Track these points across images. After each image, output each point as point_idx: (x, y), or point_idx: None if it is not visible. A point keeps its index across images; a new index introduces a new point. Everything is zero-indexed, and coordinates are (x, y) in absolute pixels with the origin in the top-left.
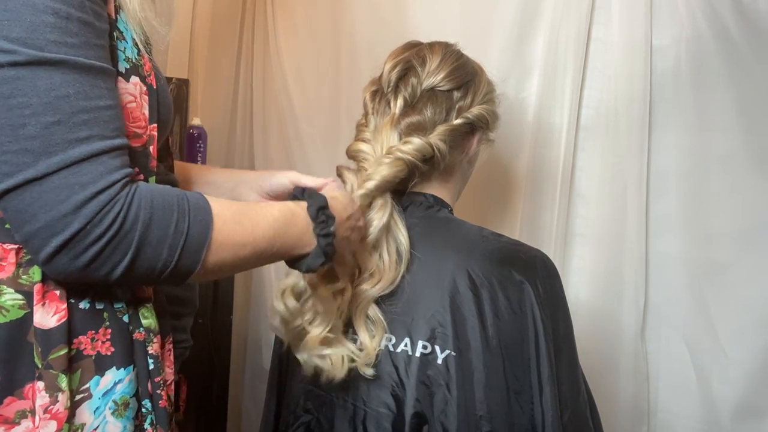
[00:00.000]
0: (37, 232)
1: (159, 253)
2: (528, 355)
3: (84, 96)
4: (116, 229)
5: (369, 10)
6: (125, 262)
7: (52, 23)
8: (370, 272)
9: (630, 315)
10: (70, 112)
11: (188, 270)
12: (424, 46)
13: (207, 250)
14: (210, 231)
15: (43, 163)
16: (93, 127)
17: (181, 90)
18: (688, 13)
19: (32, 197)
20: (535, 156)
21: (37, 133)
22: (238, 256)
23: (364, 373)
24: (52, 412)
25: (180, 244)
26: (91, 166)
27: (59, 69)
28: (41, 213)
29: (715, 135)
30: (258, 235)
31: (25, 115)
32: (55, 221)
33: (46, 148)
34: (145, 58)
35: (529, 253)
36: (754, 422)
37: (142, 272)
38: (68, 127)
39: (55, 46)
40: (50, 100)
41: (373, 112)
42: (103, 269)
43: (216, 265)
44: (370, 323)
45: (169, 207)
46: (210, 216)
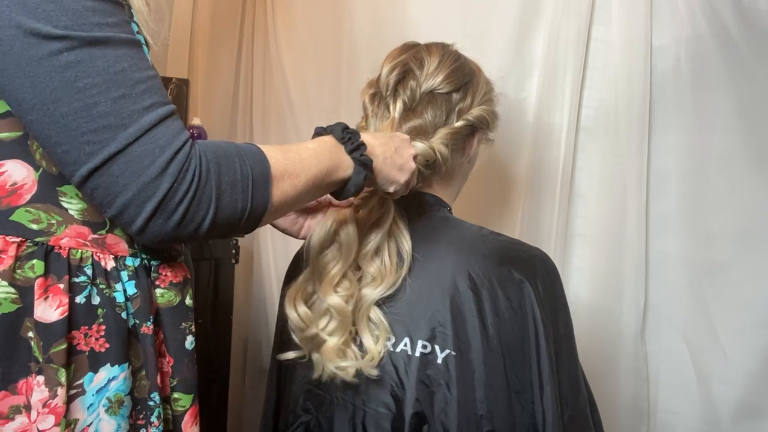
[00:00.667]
0: (132, 200)
1: (235, 198)
2: (528, 354)
3: (137, 67)
4: (197, 182)
5: (369, 10)
6: (211, 212)
7: (92, 6)
8: (372, 276)
9: (630, 315)
10: (130, 84)
11: (261, 210)
12: (422, 48)
13: (272, 186)
14: (268, 167)
15: (122, 135)
16: (152, 94)
17: (181, 90)
18: (688, 13)
19: (120, 169)
20: (535, 156)
21: (110, 109)
22: (296, 187)
23: (369, 375)
24: (50, 406)
25: (249, 185)
26: (163, 129)
27: (110, 47)
28: (132, 182)
29: (715, 135)
30: (306, 165)
31: (94, 94)
32: (145, 186)
33: (120, 121)
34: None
35: (528, 253)
36: (754, 422)
37: (226, 219)
38: (134, 99)
39: (99, 27)
40: (111, 76)
41: (373, 114)
42: (193, 223)
43: (281, 199)
44: (373, 326)
45: (229, 156)
46: (263, 155)
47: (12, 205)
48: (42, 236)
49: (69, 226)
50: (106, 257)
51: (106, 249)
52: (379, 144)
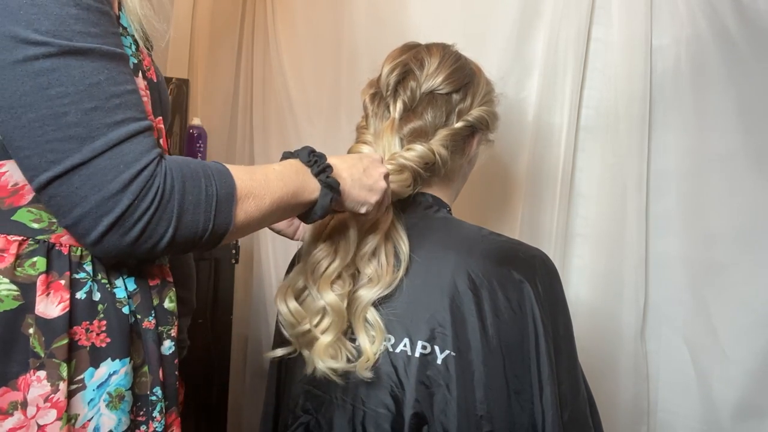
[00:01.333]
0: (88, 213)
1: (197, 218)
2: (528, 355)
3: (113, 81)
4: (158, 201)
5: (369, 11)
6: (170, 231)
7: (76, 14)
8: (369, 277)
9: (630, 315)
10: (104, 97)
11: (223, 230)
12: (422, 48)
13: (235, 207)
14: (234, 189)
15: (88, 148)
16: (126, 110)
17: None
18: (688, 13)
19: (81, 180)
20: (535, 156)
21: (79, 119)
22: (260, 209)
23: (364, 377)
24: (53, 401)
25: (213, 206)
26: (131, 146)
27: (88, 57)
28: (91, 194)
29: (715, 135)
30: (271, 186)
31: (65, 104)
32: (105, 200)
33: (88, 133)
34: (143, 54)
35: (528, 253)
36: (754, 422)
37: (185, 238)
38: (105, 112)
39: (82, 36)
40: (85, 87)
41: (373, 114)
42: (150, 241)
43: (244, 220)
44: (369, 327)
45: (196, 175)
46: (231, 176)
47: (14, 206)
48: (43, 234)
49: None
50: None
51: None
52: (347, 166)
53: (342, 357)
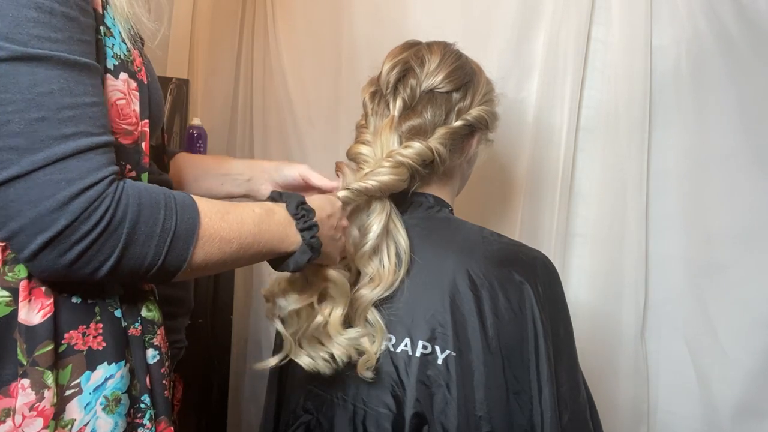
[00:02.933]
0: (22, 228)
1: (146, 252)
2: (528, 356)
3: (69, 92)
4: (104, 226)
5: (369, 10)
6: (111, 261)
7: (35, 18)
8: (370, 277)
9: (630, 315)
10: (55, 108)
11: (175, 268)
12: (423, 47)
13: (194, 248)
14: (197, 228)
15: (27, 160)
16: (79, 123)
17: (181, 90)
18: (688, 13)
19: (17, 194)
20: (535, 156)
21: (21, 129)
22: (224, 252)
23: (364, 377)
24: (38, 409)
25: (167, 242)
26: (78, 162)
27: (42, 65)
28: (26, 209)
29: (715, 135)
30: (243, 231)
31: (8, 112)
32: (40, 218)
33: (30, 144)
34: (135, 54)
35: (529, 254)
36: (754, 422)
37: (128, 270)
38: (53, 124)
39: (39, 42)
40: (33, 96)
41: (373, 113)
42: (88, 267)
43: (203, 262)
44: (369, 327)
45: (156, 205)
46: (196, 213)
47: None
48: None
49: None
50: None
51: None
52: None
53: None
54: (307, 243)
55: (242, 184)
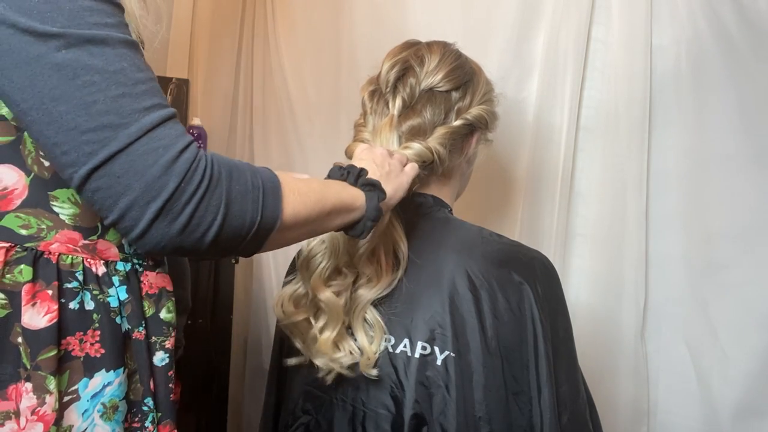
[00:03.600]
0: (135, 201)
1: (245, 208)
2: (527, 357)
3: (137, 68)
4: (206, 185)
5: (369, 10)
6: (218, 220)
7: (89, 7)
8: (368, 276)
9: (630, 315)
10: (131, 83)
11: (271, 223)
12: (423, 46)
13: (282, 201)
14: (279, 183)
15: (123, 134)
16: (153, 96)
17: (181, 90)
18: (688, 13)
19: (122, 168)
20: (535, 156)
21: (109, 107)
22: (306, 204)
23: (369, 375)
24: (39, 414)
25: (260, 198)
26: (165, 130)
27: (108, 45)
28: (135, 181)
29: (715, 135)
30: (312, 185)
31: (93, 92)
32: (150, 185)
33: (121, 119)
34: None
35: (528, 255)
36: (754, 422)
37: (233, 230)
38: (134, 98)
39: (97, 27)
40: (110, 75)
41: (372, 112)
42: (198, 230)
43: (292, 216)
44: (368, 327)
45: (240, 166)
46: (273, 172)
47: (1, 210)
48: (31, 241)
49: (59, 231)
50: (96, 263)
51: (97, 255)
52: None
53: (346, 352)
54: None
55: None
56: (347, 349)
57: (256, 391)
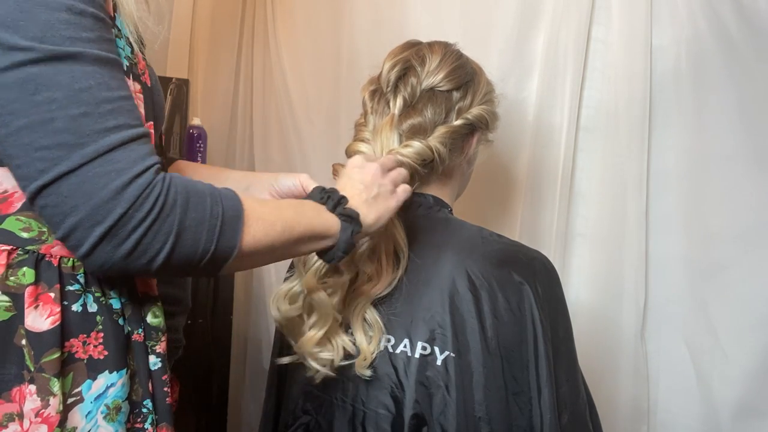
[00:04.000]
0: (80, 222)
1: (199, 237)
2: (527, 357)
3: (105, 87)
4: (157, 212)
5: (369, 10)
6: (167, 248)
7: (66, 19)
8: (368, 275)
9: (630, 315)
10: (94, 103)
11: (227, 253)
12: (424, 46)
13: (242, 231)
14: (242, 211)
15: (77, 155)
16: (118, 116)
17: (181, 90)
18: (688, 13)
19: (70, 189)
20: (535, 156)
21: (67, 126)
22: (270, 235)
23: (363, 375)
24: (43, 416)
25: (217, 227)
26: (124, 153)
27: (78, 62)
28: (82, 203)
29: (715, 135)
30: (283, 214)
31: (53, 110)
32: (96, 209)
33: (77, 139)
34: (138, 57)
35: (528, 255)
36: (754, 422)
37: (183, 258)
38: (96, 118)
39: (71, 42)
40: (74, 93)
41: (372, 111)
42: (145, 256)
43: (252, 245)
44: (367, 326)
45: (201, 193)
46: (238, 199)
47: (2, 213)
48: (32, 244)
49: None
50: None
51: None
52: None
53: (337, 352)
54: (343, 216)
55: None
56: (336, 348)
57: (256, 391)
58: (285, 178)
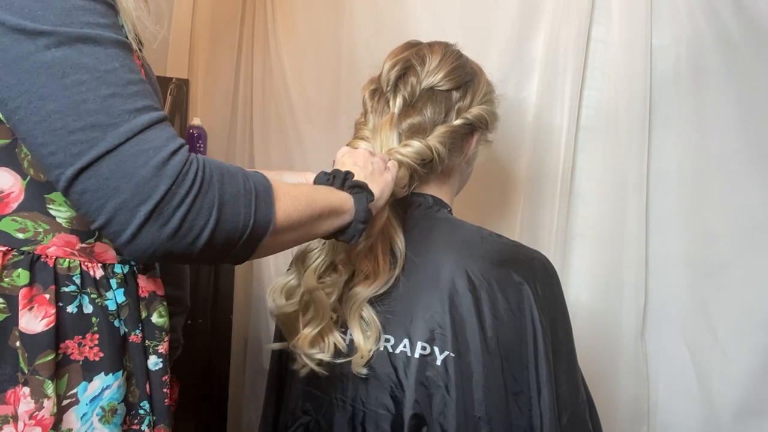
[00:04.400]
0: (124, 203)
1: (237, 211)
2: (527, 357)
3: (129, 69)
4: (198, 187)
5: (369, 10)
6: (211, 224)
7: (82, 6)
8: (365, 274)
9: (630, 315)
10: (122, 84)
11: (265, 225)
12: (424, 46)
13: (275, 204)
14: (270, 185)
15: (112, 134)
16: (144, 98)
17: (181, 90)
18: (688, 13)
19: (110, 170)
20: (535, 156)
21: (98, 107)
22: (297, 207)
23: (358, 373)
24: (37, 418)
25: (252, 201)
26: (156, 132)
27: (100, 45)
28: (123, 183)
29: (715, 135)
30: (302, 189)
31: (83, 91)
32: (139, 187)
33: (110, 120)
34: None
35: (528, 255)
36: (754, 422)
37: (226, 233)
38: (124, 99)
39: (90, 26)
40: (101, 74)
41: (372, 110)
42: (190, 235)
43: (284, 220)
44: (364, 324)
45: (232, 169)
46: (263, 175)
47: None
48: (28, 245)
49: (56, 235)
50: (94, 266)
51: (94, 258)
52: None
53: (328, 349)
54: (353, 189)
55: None
56: (328, 346)
57: (256, 391)
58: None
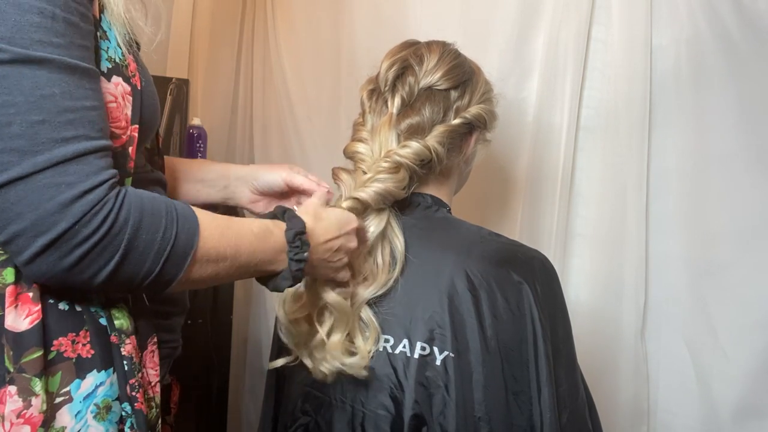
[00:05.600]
0: (23, 231)
1: (144, 260)
2: (526, 356)
3: (69, 96)
4: (105, 230)
5: (369, 10)
6: (110, 267)
7: (38, 23)
8: (364, 276)
9: (630, 315)
10: (55, 111)
11: (170, 278)
12: (422, 45)
13: (191, 260)
14: (196, 241)
15: (28, 162)
16: (78, 127)
17: (181, 90)
18: (688, 13)
19: (18, 196)
20: (535, 156)
21: (23, 131)
22: (217, 268)
23: (358, 375)
24: (25, 416)
25: (166, 252)
26: (78, 165)
27: (44, 68)
28: (27, 212)
29: (715, 135)
30: (240, 249)
31: (10, 114)
32: (41, 220)
33: (31, 146)
34: (129, 59)
35: (527, 254)
36: (754, 422)
37: (125, 278)
38: (54, 127)
39: (41, 46)
40: (35, 99)
41: (370, 111)
42: (86, 272)
43: (196, 275)
44: (363, 326)
45: (158, 213)
46: (196, 226)
47: None
48: None
49: None
50: None
51: None
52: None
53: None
54: (292, 273)
55: (220, 190)
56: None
57: (256, 392)
58: (266, 173)
